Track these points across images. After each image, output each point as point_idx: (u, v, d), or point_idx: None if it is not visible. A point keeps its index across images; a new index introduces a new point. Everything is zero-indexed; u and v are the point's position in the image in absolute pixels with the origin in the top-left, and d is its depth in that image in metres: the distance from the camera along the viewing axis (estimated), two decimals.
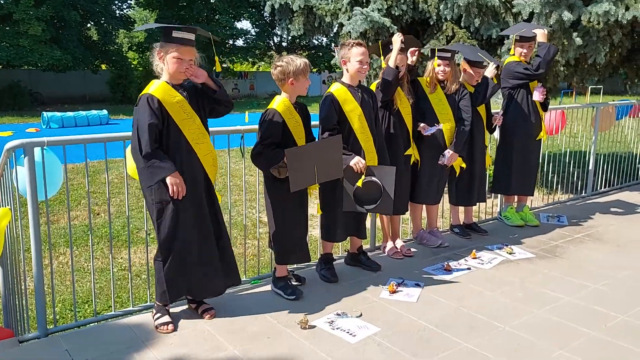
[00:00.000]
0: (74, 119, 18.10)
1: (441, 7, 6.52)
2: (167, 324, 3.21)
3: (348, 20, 7.07)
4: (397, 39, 3.99)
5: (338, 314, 3.41)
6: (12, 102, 23.62)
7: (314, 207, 3.88)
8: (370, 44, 6.67)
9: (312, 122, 3.79)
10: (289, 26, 7.91)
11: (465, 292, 3.74)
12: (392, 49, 4.02)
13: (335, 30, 7.78)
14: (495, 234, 4.98)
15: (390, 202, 3.71)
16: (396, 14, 7.01)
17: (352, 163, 3.61)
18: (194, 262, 3.19)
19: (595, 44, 6.33)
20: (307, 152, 3.37)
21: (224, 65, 30.76)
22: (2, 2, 21.86)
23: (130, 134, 3.18)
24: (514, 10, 6.07)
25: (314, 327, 3.25)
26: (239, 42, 28.71)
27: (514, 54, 4.96)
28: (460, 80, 4.54)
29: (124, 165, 3.52)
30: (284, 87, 3.50)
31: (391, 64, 3.96)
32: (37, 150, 3.11)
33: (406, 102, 4.21)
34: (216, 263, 3.26)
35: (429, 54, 4.59)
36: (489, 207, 5.64)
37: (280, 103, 3.47)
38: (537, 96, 4.98)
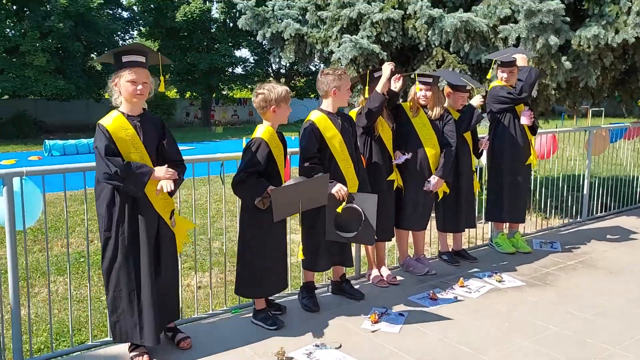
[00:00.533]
0: (75, 147, 18.22)
1: (429, 33, 6.52)
2: (141, 354, 3.13)
3: (338, 47, 7.09)
4: (387, 67, 3.98)
5: (317, 345, 3.31)
6: (17, 130, 23.84)
7: (296, 234, 3.82)
8: (360, 70, 6.69)
9: (292, 149, 3.76)
10: (281, 54, 7.94)
11: (450, 323, 3.62)
12: (376, 77, 4.01)
13: (325, 57, 7.81)
14: (485, 261, 4.87)
15: (372, 232, 3.62)
16: (385, 40, 7.02)
17: (334, 190, 3.55)
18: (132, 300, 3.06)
19: (586, 68, 6.29)
20: (292, 190, 3.30)
21: (224, 92, 31.08)
22: (10, 35, 22.26)
23: None
24: (499, 35, 6.06)
25: (291, 358, 3.15)
26: (238, 70, 29.17)
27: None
28: (444, 105, 4.50)
29: None
30: (266, 115, 3.48)
31: (379, 89, 3.93)
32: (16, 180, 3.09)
33: (387, 128, 4.17)
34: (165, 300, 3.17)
35: (415, 79, 4.57)
36: (480, 234, 5.53)
37: (265, 131, 3.44)
38: (525, 120, 4.93)
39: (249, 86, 29.87)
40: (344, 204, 3.59)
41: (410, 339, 3.39)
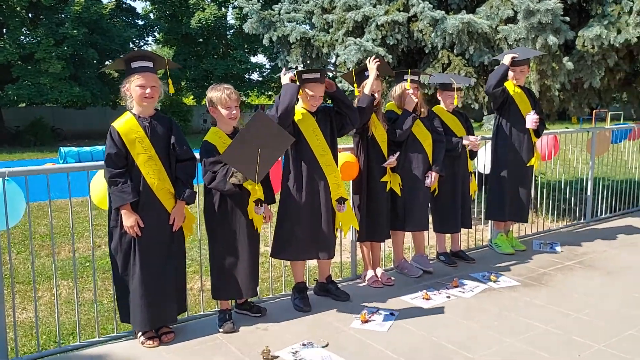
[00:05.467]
0: (90, 154, 18.44)
1: (432, 35, 6.53)
2: (152, 338, 3.34)
3: (344, 50, 7.13)
4: (372, 67, 4.00)
5: (304, 344, 3.33)
6: (34, 138, 24.23)
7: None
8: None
9: None
10: (287, 57, 8.00)
11: (440, 322, 3.62)
12: (367, 76, 4.03)
13: (333, 60, 7.85)
14: (483, 262, 4.86)
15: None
16: (391, 43, 7.04)
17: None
18: (139, 291, 3.24)
19: (590, 68, 6.24)
20: (238, 143, 3.23)
21: (242, 99, 31.25)
22: (25, 42, 22.65)
23: (91, 164, 3.45)
24: (498, 36, 6.05)
25: (276, 357, 3.18)
26: (255, 76, 29.25)
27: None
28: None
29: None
30: (215, 116, 3.55)
31: (367, 90, 3.96)
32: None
33: (381, 130, 4.19)
34: (167, 291, 3.32)
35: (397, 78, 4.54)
36: (480, 235, 5.52)
37: (210, 133, 3.52)
38: (529, 123, 4.92)
39: (266, 93, 30.02)
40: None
41: (398, 337, 3.40)
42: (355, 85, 4.07)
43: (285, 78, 3.68)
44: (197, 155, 3.52)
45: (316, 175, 3.75)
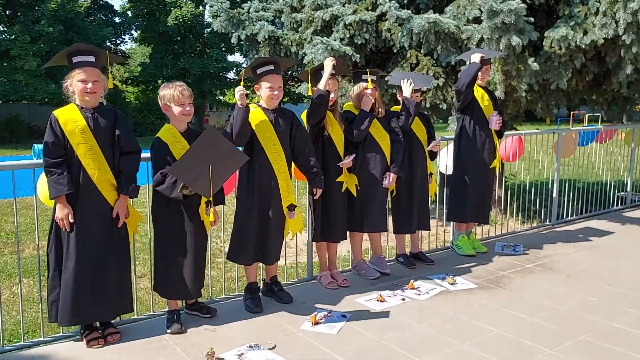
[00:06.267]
0: None
1: (399, 34, 6.48)
2: (96, 339, 3.26)
3: (311, 49, 7.05)
4: (328, 63, 3.93)
5: (250, 346, 3.24)
6: (9, 135, 23.86)
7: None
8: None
9: None
10: (256, 56, 7.89)
11: (391, 324, 3.55)
12: (322, 75, 3.96)
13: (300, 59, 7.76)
14: (443, 264, 4.80)
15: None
16: (359, 42, 6.98)
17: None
18: (71, 284, 3.14)
19: (557, 69, 6.22)
20: (188, 159, 3.15)
21: (219, 98, 31.09)
22: (0, 39, 22.29)
23: (39, 161, 3.27)
24: (462, 36, 6.02)
25: (221, 359, 3.08)
26: (231, 75, 29.02)
27: None
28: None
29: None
30: (167, 113, 3.46)
31: (321, 86, 3.88)
32: None
33: (338, 129, 4.11)
34: (104, 287, 3.22)
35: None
36: (441, 237, 5.47)
37: (163, 130, 3.44)
38: (493, 124, 4.89)
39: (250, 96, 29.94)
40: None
41: (347, 340, 3.32)
42: (309, 84, 3.99)
43: (237, 95, 3.60)
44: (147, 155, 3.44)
45: (268, 180, 3.68)
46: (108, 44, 26.28)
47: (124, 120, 3.32)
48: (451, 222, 5.28)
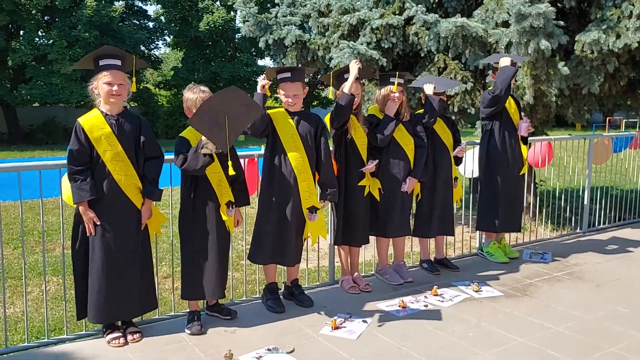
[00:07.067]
0: None
1: (426, 38, 6.42)
2: (117, 338, 3.29)
3: (338, 53, 7.04)
4: (354, 66, 3.92)
5: (269, 349, 3.24)
6: (45, 137, 24.54)
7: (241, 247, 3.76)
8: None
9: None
10: (283, 60, 7.94)
11: (412, 331, 3.50)
12: (346, 78, 3.94)
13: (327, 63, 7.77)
14: (468, 270, 4.72)
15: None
16: (385, 46, 6.95)
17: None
18: (97, 283, 3.21)
19: (588, 74, 6.08)
20: (206, 108, 3.16)
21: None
22: (39, 44, 22.98)
23: (64, 162, 3.30)
24: (490, 39, 5.92)
25: None
26: (261, 79, 29.21)
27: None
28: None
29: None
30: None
31: (346, 90, 3.86)
32: None
33: (361, 132, 4.08)
34: (128, 287, 3.27)
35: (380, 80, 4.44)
36: (467, 243, 5.38)
37: (186, 130, 3.49)
38: (522, 130, 4.81)
39: (273, 95, 30.15)
40: None
41: (367, 345, 3.29)
42: (331, 87, 3.99)
43: (259, 85, 3.70)
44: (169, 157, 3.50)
45: (289, 181, 3.68)
46: (142, 48, 26.78)
47: (147, 126, 3.38)
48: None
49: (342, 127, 4.01)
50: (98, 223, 3.15)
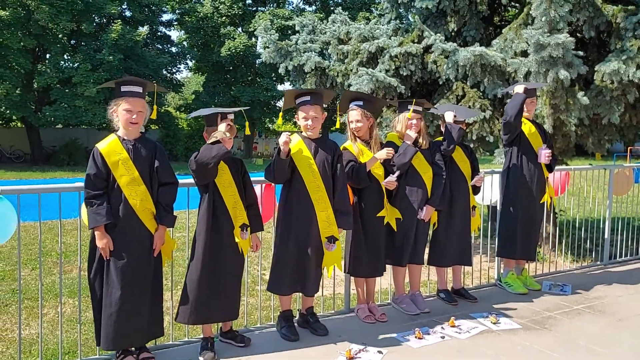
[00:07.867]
0: None
1: (444, 66, 6.45)
2: None
3: (356, 80, 7.10)
4: (382, 154, 3.96)
5: None
6: (67, 158, 24.98)
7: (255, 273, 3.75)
8: None
9: None
10: (302, 86, 8.02)
11: None
12: (352, 108, 4.04)
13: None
14: (486, 301, 4.64)
15: None
16: (404, 74, 7.00)
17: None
18: (108, 309, 3.20)
19: (608, 104, 6.04)
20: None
21: (268, 126, 31.69)
22: (64, 67, 23.57)
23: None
24: (509, 69, 5.93)
25: None
26: (280, 103, 29.65)
27: None
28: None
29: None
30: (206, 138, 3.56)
31: (368, 166, 3.94)
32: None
33: (378, 163, 4.08)
34: (139, 314, 3.26)
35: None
36: (485, 273, 5.30)
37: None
38: (542, 158, 4.78)
39: (291, 120, 30.46)
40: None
41: None
42: (338, 117, 4.05)
43: (280, 141, 3.59)
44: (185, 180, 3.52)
45: (307, 211, 3.68)
46: (164, 72, 27.27)
47: (162, 151, 3.42)
48: (496, 258, 5.12)
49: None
50: (112, 249, 3.18)
